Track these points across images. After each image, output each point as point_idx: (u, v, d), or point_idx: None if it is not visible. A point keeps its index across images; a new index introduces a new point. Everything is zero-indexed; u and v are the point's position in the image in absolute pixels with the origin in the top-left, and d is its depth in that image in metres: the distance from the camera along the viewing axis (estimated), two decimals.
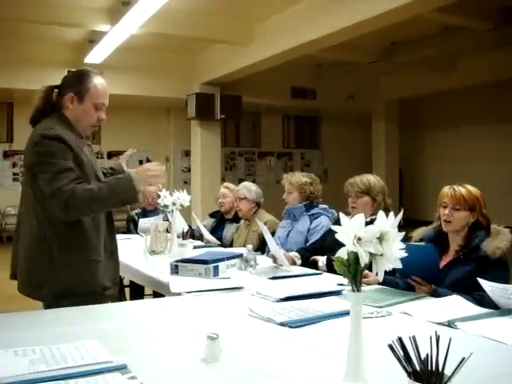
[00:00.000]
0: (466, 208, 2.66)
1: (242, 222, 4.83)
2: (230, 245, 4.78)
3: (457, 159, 12.71)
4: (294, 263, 3.49)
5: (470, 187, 2.73)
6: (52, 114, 2.45)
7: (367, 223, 1.32)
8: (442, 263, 2.72)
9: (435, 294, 2.50)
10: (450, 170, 12.06)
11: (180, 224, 4.17)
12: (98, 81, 2.49)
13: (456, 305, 2.27)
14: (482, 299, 2.36)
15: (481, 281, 2.27)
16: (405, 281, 2.68)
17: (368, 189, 3.40)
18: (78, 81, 2.46)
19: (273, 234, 4.29)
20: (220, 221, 5.23)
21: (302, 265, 3.53)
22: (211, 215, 5.51)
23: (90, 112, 2.47)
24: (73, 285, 2.34)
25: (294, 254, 3.59)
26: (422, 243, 2.78)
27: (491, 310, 2.20)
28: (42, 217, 2.34)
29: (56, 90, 2.50)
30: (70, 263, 2.34)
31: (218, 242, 4.77)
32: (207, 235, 4.82)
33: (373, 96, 12.55)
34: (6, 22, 7.86)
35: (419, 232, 2.89)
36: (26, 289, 2.39)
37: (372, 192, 3.39)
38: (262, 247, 4.24)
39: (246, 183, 4.95)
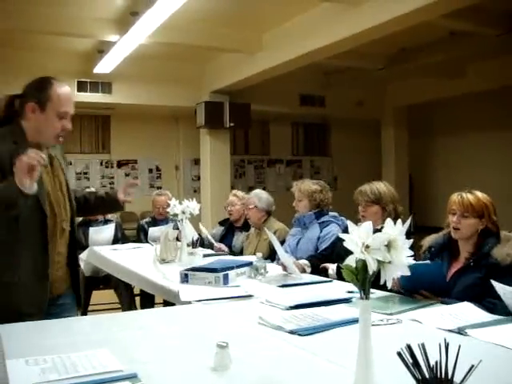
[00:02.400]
0: (475, 215, 2.65)
1: (253, 229, 4.83)
2: (240, 253, 4.78)
3: (467, 165, 12.65)
4: (303, 271, 3.49)
5: (478, 193, 2.72)
6: (7, 125, 2.35)
7: (376, 231, 1.32)
8: (452, 270, 2.71)
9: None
10: (461, 176, 12.00)
11: (190, 233, 4.19)
12: (60, 88, 2.37)
13: (466, 312, 2.26)
14: (493, 307, 2.35)
15: (494, 283, 2.26)
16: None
17: (378, 198, 3.37)
18: (39, 89, 2.35)
19: (283, 242, 4.29)
20: (229, 229, 5.24)
21: (312, 272, 3.52)
22: (221, 223, 5.52)
23: (52, 121, 2.34)
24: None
25: (304, 262, 3.59)
26: (428, 262, 2.76)
27: (502, 317, 2.19)
28: None
29: (18, 99, 2.39)
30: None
31: (226, 250, 4.78)
32: (216, 243, 4.83)
33: (382, 103, 12.53)
34: (16, 34, 7.93)
35: (429, 239, 2.88)
36: None
37: (382, 201, 3.37)
38: (272, 255, 4.24)
39: (257, 191, 4.91)
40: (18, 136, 2.32)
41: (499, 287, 2.24)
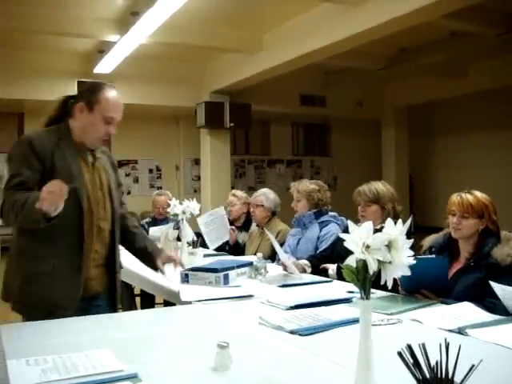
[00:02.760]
0: (475, 215, 2.65)
1: (256, 229, 4.82)
2: (242, 252, 4.78)
3: (467, 165, 12.65)
4: (304, 271, 3.49)
5: (478, 194, 2.71)
6: (56, 124, 2.47)
7: (376, 231, 1.32)
8: (453, 270, 2.71)
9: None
10: (461, 176, 12.01)
11: (190, 233, 4.19)
12: (110, 94, 2.47)
13: (467, 311, 2.26)
14: (493, 306, 2.35)
15: (492, 283, 2.26)
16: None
17: (376, 198, 3.38)
18: (90, 91, 2.46)
19: (283, 243, 4.30)
20: None
21: (313, 272, 3.52)
22: None
23: (97, 124, 2.44)
24: (22, 294, 2.34)
25: (304, 262, 3.59)
26: (433, 256, 2.77)
27: (502, 317, 2.19)
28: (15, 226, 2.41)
29: (72, 100, 2.50)
30: (20, 273, 2.35)
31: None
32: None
33: (382, 103, 12.53)
34: (17, 34, 7.93)
35: (430, 239, 2.89)
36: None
37: (381, 201, 3.37)
38: (273, 256, 4.25)
39: (265, 190, 4.89)
40: (63, 133, 2.44)
41: (498, 288, 2.24)
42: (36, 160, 2.31)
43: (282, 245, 4.35)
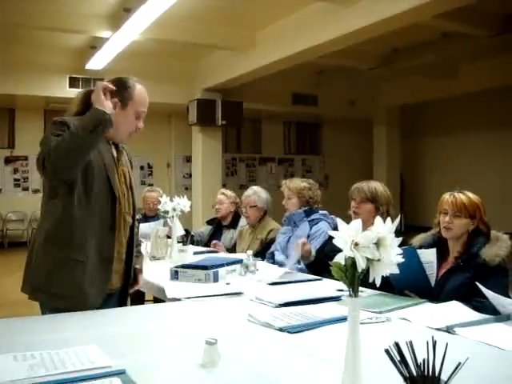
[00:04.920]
0: (467, 215, 2.66)
1: (247, 226, 4.82)
2: (229, 250, 4.78)
3: (458, 165, 12.71)
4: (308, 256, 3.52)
5: (470, 194, 2.73)
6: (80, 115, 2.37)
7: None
8: (442, 270, 2.72)
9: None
10: (452, 175, 12.06)
11: (179, 230, 4.18)
12: (141, 89, 2.50)
13: (455, 310, 2.28)
14: (481, 306, 2.37)
15: (480, 286, 2.28)
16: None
17: (374, 197, 3.38)
18: (123, 87, 2.44)
19: (273, 242, 4.31)
20: (217, 227, 5.23)
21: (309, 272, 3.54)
22: (208, 222, 5.52)
23: (130, 119, 2.47)
24: (48, 281, 2.27)
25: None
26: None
27: (490, 316, 2.20)
28: (42, 212, 2.37)
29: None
30: (50, 258, 2.28)
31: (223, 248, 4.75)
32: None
33: (374, 102, 12.56)
34: (8, 28, 7.90)
35: (418, 238, 2.89)
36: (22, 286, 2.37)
37: (377, 201, 3.37)
38: (264, 253, 4.25)
39: (255, 188, 4.86)
40: None
41: (487, 292, 2.25)
42: None
43: (272, 243, 4.36)
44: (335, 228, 1.34)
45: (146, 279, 3.26)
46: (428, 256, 2.68)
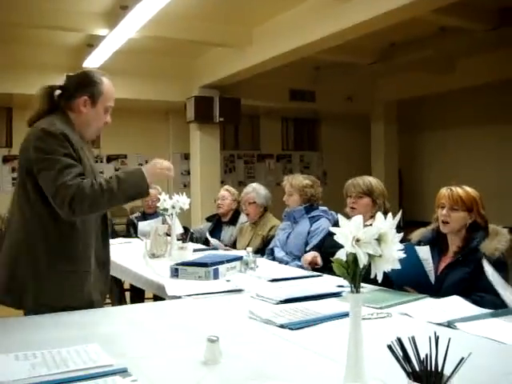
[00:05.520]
0: (464, 208, 2.67)
1: (247, 223, 4.82)
2: (230, 247, 4.78)
3: (456, 160, 12.71)
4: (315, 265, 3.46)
5: (467, 188, 2.73)
6: (52, 114, 2.33)
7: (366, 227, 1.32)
8: (442, 265, 2.72)
9: None
10: (450, 170, 12.06)
11: (178, 227, 4.19)
12: (108, 83, 2.44)
13: (456, 305, 2.28)
14: (481, 300, 2.37)
15: (485, 263, 2.28)
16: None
17: (369, 190, 3.39)
18: (90, 83, 2.38)
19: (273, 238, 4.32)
20: (217, 224, 5.23)
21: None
22: (208, 219, 5.52)
23: (100, 115, 2.42)
24: (57, 296, 2.22)
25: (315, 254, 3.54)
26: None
27: (491, 311, 2.21)
28: (31, 222, 2.23)
29: (58, 91, 2.40)
30: (57, 272, 2.22)
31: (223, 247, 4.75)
32: (214, 241, 4.81)
33: (371, 98, 12.55)
34: (5, 27, 7.86)
35: (418, 233, 2.90)
36: (5, 297, 2.25)
37: (373, 194, 3.39)
38: (264, 250, 4.26)
39: (255, 185, 4.86)
40: (69, 126, 2.33)
41: (489, 269, 2.26)
42: (74, 153, 2.23)
43: (271, 239, 4.36)
44: (335, 224, 1.34)
45: (146, 277, 3.26)
46: (423, 253, 2.68)
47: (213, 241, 4.78)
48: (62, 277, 2.23)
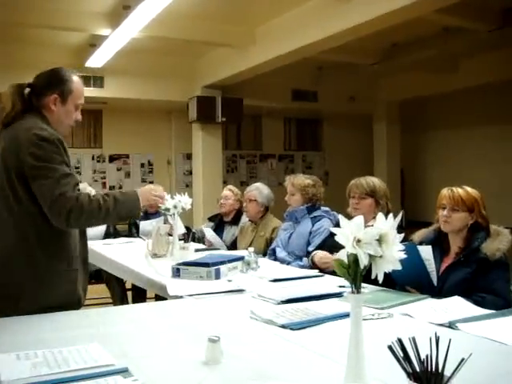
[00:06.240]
0: (465, 209, 2.67)
1: (248, 224, 4.81)
2: (231, 247, 4.78)
3: (459, 160, 12.68)
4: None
5: (468, 189, 2.74)
6: (30, 114, 2.32)
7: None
8: (444, 266, 2.72)
9: None
10: (452, 171, 12.05)
11: (181, 227, 4.19)
12: (77, 81, 2.43)
13: (457, 306, 2.28)
14: (482, 301, 2.37)
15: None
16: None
17: (373, 191, 3.38)
18: (60, 81, 2.38)
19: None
20: (219, 224, 5.23)
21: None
22: (210, 219, 5.52)
23: (71, 113, 2.41)
24: (55, 296, 2.24)
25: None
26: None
27: (492, 311, 2.20)
28: (21, 223, 2.22)
29: (27, 89, 2.38)
30: (55, 273, 2.24)
31: (221, 246, 4.75)
32: (211, 237, 4.81)
33: (374, 98, 12.53)
34: (7, 27, 7.87)
35: (420, 234, 2.89)
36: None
37: (376, 194, 3.38)
38: (265, 250, 4.26)
39: (258, 184, 4.86)
40: (48, 126, 2.33)
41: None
42: (67, 158, 2.27)
43: (273, 239, 4.36)
44: (337, 224, 1.34)
45: (148, 277, 3.27)
46: (425, 254, 2.68)
47: (209, 236, 4.79)
48: (59, 277, 2.26)
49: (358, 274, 1.32)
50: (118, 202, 2.29)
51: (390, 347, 1.18)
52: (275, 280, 3.05)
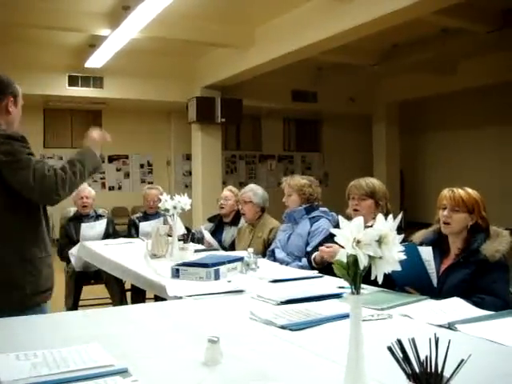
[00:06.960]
0: (465, 210, 2.67)
1: (245, 225, 4.81)
2: (230, 247, 4.78)
3: (458, 161, 12.70)
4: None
5: (469, 190, 2.74)
6: None
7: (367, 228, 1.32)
8: (443, 267, 2.72)
9: None
10: (452, 172, 12.06)
11: (180, 228, 4.19)
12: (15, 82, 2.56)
13: (456, 307, 2.28)
14: (482, 302, 2.37)
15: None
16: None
17: (373, 192, 3.38)
18: (10, 84, 2.50)
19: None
20: (219, 224, 5.23)
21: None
22: (209, 220, 5.51)
23: (19, 114, 2.53)
24: (43, 281, 2.37)
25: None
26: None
27: (491, 312, 2.20)
28: (3, 214, 2.32)
29: None
30: (38, 260, 2.37)
31: (217, 247, 4.75)
32: (209, 238, 4.81)
33: (373, 99, 12.56)
34: (6, 27, 7.88)
35: (419, 235, 2.89)
36: None
37: (376, 196, 3.38)
38: (265, 251, 4.26)
39: (252, 186, 4.86)
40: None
41: None
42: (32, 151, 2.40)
43: (272, 241, 4.36)
44: (336, 225, 1.34)
45: (147, 277, 3.27)
46: (425, 254, 2.68)
47: (208, 237, 4.79)
48: (42, 263, 2.38)
49: (358, 275, 1.32)
50: (83, 162, 2.46)
51: (389, 348, 1.18)
52: (275, 281, 3.04)
